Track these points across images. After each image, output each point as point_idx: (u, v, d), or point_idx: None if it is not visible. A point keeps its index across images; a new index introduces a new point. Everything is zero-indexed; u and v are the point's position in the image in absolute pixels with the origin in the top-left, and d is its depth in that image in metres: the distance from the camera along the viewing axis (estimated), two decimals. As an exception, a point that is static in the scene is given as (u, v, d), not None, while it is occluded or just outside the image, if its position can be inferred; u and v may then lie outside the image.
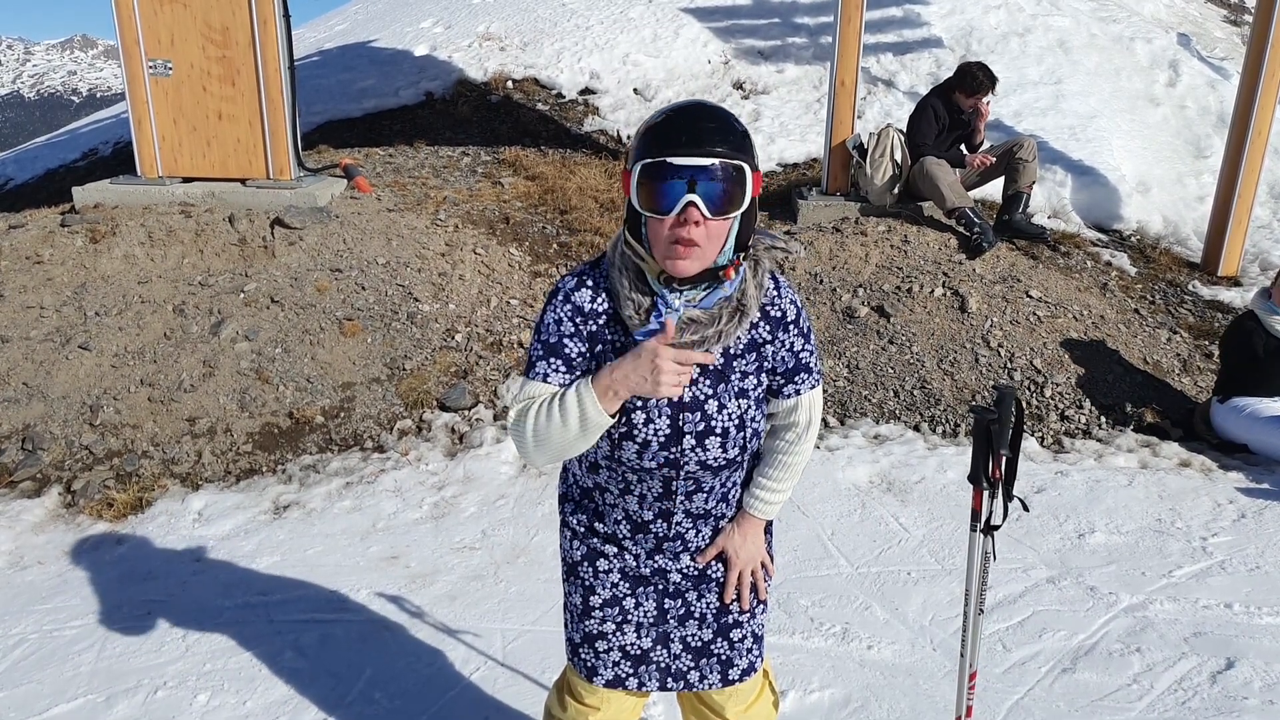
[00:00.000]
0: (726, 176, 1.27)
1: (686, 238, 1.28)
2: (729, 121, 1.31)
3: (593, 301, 1.40)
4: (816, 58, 7.11)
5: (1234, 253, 5.23)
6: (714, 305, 1.35)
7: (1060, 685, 2.44)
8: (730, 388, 1.41)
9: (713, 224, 1.29)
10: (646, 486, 1.46)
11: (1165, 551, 3.12)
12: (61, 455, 3.69)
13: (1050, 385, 4.24)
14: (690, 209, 1.26)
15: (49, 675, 2.49)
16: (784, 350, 1.45)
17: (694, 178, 1.26)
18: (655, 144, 1.29)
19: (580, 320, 1.39)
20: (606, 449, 1.43)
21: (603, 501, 1.52)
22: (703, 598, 1.54)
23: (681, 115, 1.30)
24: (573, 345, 1.39)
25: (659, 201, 1.28)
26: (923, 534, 3.22)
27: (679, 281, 1.33)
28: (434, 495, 3.50)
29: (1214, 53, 7.46)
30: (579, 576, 1.56)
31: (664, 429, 1.39)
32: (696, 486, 1.46)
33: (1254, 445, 3.87)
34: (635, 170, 1.30)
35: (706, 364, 1.36)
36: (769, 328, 1.43)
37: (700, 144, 1.26)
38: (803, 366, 1.48)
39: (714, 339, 1.35)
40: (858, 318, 4.63)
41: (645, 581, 1.54)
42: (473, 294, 4.68)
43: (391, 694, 2.40)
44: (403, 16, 9.02)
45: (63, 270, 4.53)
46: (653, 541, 1.51)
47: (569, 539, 1.58)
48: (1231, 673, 2.48)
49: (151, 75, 4.94)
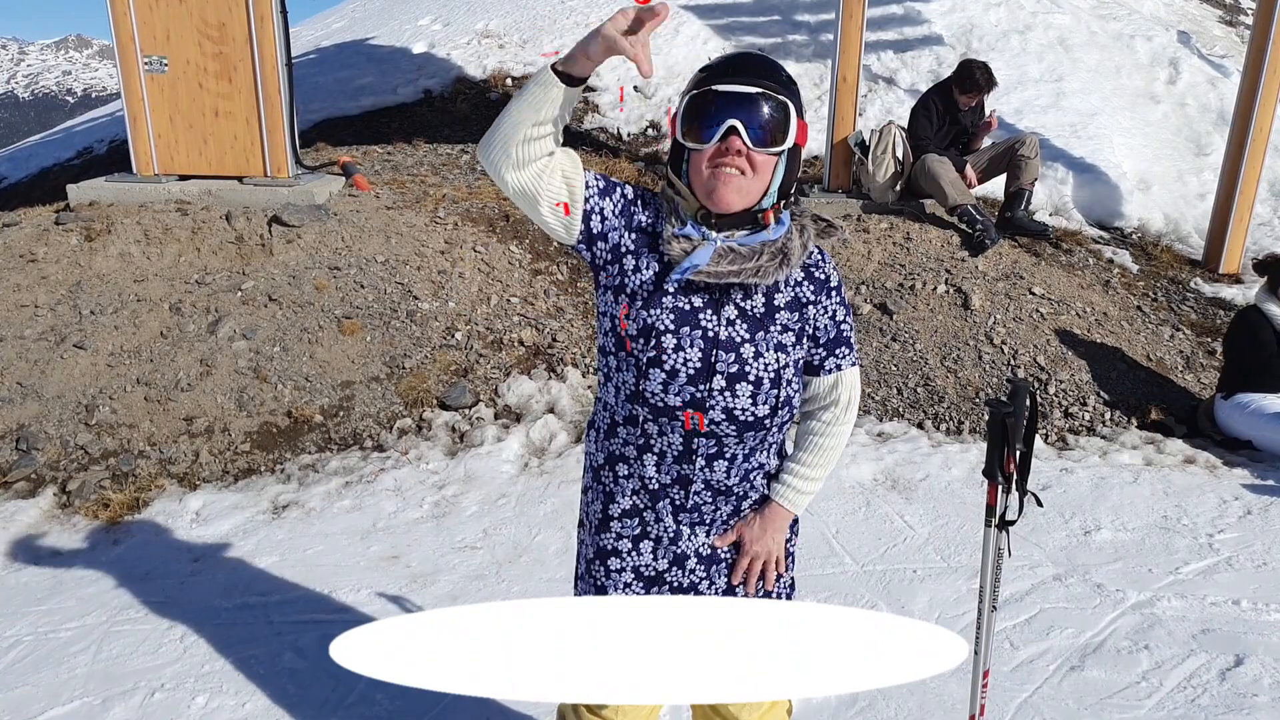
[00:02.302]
0: (771, 109, 1.28)
1: (727, 170, 1.28)
2: (776, 65, 1.35)
3: (643, 212, 1.40)
4: (817, 55, 7.09)
5: (1235, 250, 5.22)
6: (756, 244, 1.35)
7: (1069, 683, 2.42)
8: (769, 338, 1.39)
9: (756, 157, 1.29)
10: (666, 442, 1.41)
11: (1172, 548, 3.10)
12: (57, 455, 3.65)
13: (1054, 382, 4.23)
14: (733, 137, 1.27)
15: (44, 678, 2.45)
16: (826, 317, 1.43)
17: (739, 106, 1.27)
18: (703, 78, 1.31)
19: (634, 208, 1.39)
20: (632, 381, 1.39)
21: (616, 477, 1.48)
22: (713, 583, 1.50)
23: (732, 55, 1.35)
24: (624, 191, 1.39)
25: (702, 129, 1.29)
26: (928, 531, 3.20)
27: (719, 220, 1.34)
28: (434, 494, 3.46)
29: (1214, 50, 7.46)
30: (592, 576, 1.52)
31: (694, 360, 1.36)
32: (719, 450, 1.41)
33: (1258, 441, 3.85)
34: (681, 104, 1.32)
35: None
36: (813, 289, 1.41)
37: (746, 74, 1.29)
38: (844, 339, 1.46)
39: (752, 273, 1.33)
40: (860, 315, 4.61)
41: (659, 581, 1.49)
42: (473, 292, 4.65)
43: (392, 695, 2.37)
44: (401, 14, 8.98)
45: (57, 269, 4.49)
46: (670, 509, 1.46)
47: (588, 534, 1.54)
48: (1241, 669, 2.46)
49: (147, 72, 4.90)
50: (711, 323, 1.37)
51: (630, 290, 1.37)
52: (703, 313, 1.36)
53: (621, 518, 1.49)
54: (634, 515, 1.48)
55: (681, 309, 1.36)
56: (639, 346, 1.36)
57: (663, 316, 1.36)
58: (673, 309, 1.36)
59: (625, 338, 1.37)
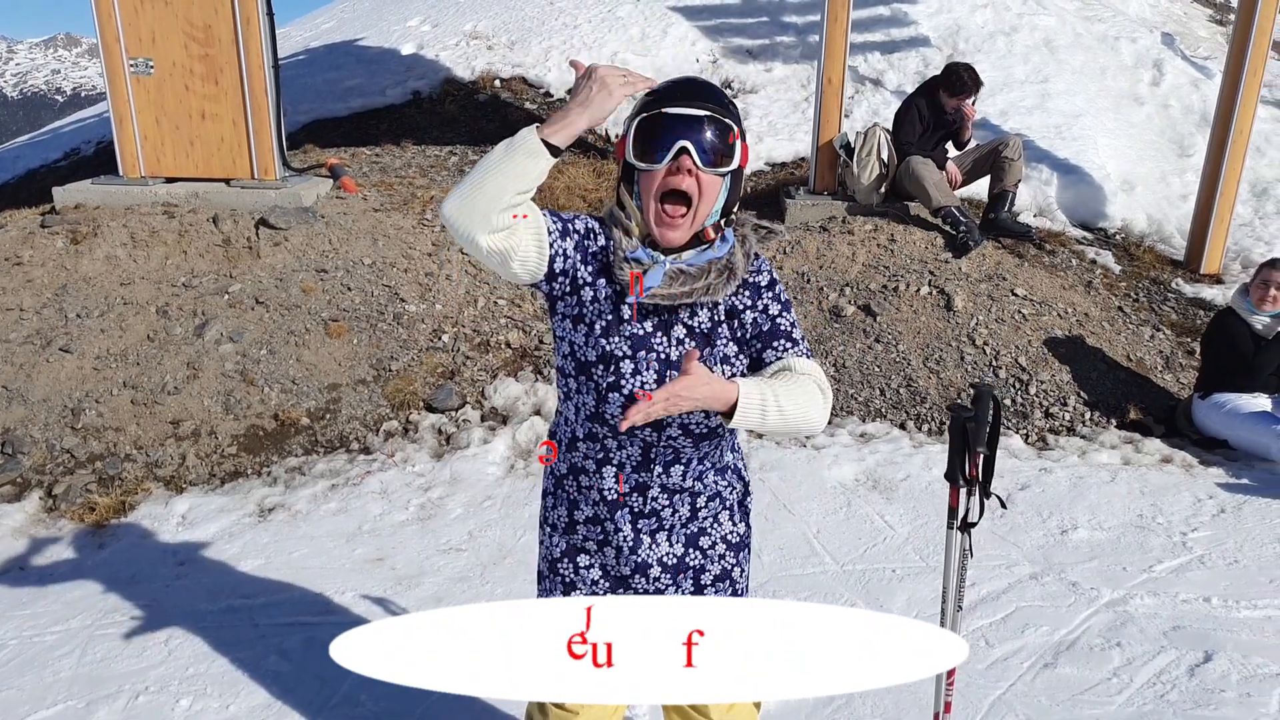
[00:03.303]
0: (717, 132, 1.34)
1: (678, 187, 1.33)
2: (720, 90, 1.41)
3: (595, 240, 1.44)
4: (804, 57, 7.13)
5: (1216, 250, 5.28)
6: (703, 263, 1.40)
7: (1041, 680, 2.47)
8: (716, 352, 1.44)
9: (704, 178, 1.33)
10: (626, 454, 1.46)
11: (1146, 547, 3.15)
12: (42, 459, 3.66)
13: (1035, 383, 4.27)
14: (684, 156, 1.32)
15: (29, 681, 2.47)
16: (759, 314, 1.46)
17: (689, 128, 1.32)
18: (651, 102, 1.35)
19: (586, 240, 1.43)
20: (592, 404, 1.44)
21: (578, 487, 1.53)
22: (679, 588, 1.55)
23: (677, 80, 1.41)
24: (573, 232, 1.41)
25: (653, 151, 1.33)
26: (907, 531, 3.24)
27: (665, 251, 1.39)
28: (420, 497, 3.49)
29: (1198, 52, 7.53)
30: (558, 574, 1.57)
31: (651, 384, 1.41)
32: (675, 456, 1.47)
33: (1234, 441, 3.91)
34: (631, 126, 1.36)
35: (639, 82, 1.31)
36: (748, 294, 1.46)
37: (694, 98, 1.34)
38: (780, 332, 1.44)
39: (702, 291, 1.38)
40: (844, 317, 4.65)
41: (625, 583, 1.54)
42: (460, 294, 4.67)
43: (376, 696, 2.40)
44: (390, 15, 8.97)
45: (43, 272, 4.49)
46: (629, 517, 1.51)
47: (550, 534, 1.59)
48: (1210, 665, 2.51)
49: (133, 74, 4.90)
50: (663, 344, 1.42)
51: (589, 319, 1.42)
52: (654, 336, 1.41)
53: (586, 524, 1.55)
54: (596, 524, 1.54)
55: (637, 334, 1.41)
56: (598, 372, 1.41)
57: (620, 344, 1.40)
58: (629, 335, 1.41)
59: (585, 363, 1.42)
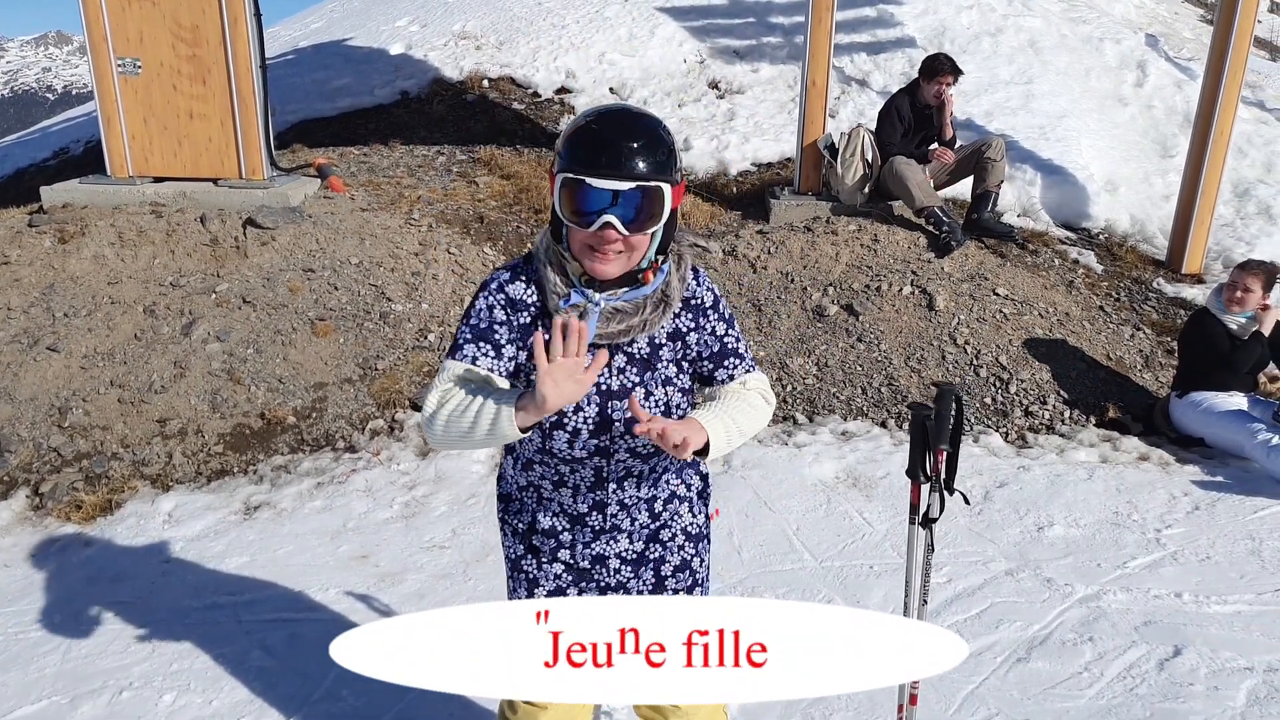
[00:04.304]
0: (645, 196, 1.31)
1: (603, 251, 1.33)
2: (653, 139, 1.33)
3: (524, 293, 1.44)
4: (791, 57, 7.17)
5: (1197, 250, 5.34)
6: (638, 299, 1.41)
7: (1014, 674, 2.51)
8: (656, 376, 1.46)
9: (633, 237, 1.34)
10: (580, 477, 1.50)
11: (1121, 543, 3.20)
12: (29, 457, 3.67)
13: (1015, 381, 4.33)
14: (608, 230, 1.31)
15: (13, 677, 2.49)
16: (706, 335, 1.50)
17: (614, 196, 1.29)
18: (577, 160, 1.31)
19: (511, 310, 1.43)
20: (538, 441, 1.48)
21: (538, 499, 1.56)
22: (640, 578, 1.59)
23: (605, 134, 1.31)
24: (502, 332, 1.42)
25: (579, 215, 1.33)
26: (886, 529, 3.29)
27: (600, 283, 1.38)
28: (405, 495, 3.52)
29: (1181, 53, 7.60)
30: (523, 571, 1.60)
31: (593, 416, 1.43)
32: (627, 473, 1.51)
33: (1210, 439, 3.97)
34: (557, 185, 1.34)
35: (602, 362, 1.29)
36: (691, 316, 1.48)
37: (620, 167, 1.29)
38: (730, 351, 1.51)
39: (639, 328, 1.40)
40: (827, 316, 4.69)
41: (586, 575, 1.58)
42: (446, 293, 4.69)
43: (357, 691, 2.43)
44: (378, 15, 8.97)
45: (30, 271, 4.49)
46: (590, 534, 1.55)
47: (510, 535, 1.62)
48: (1179, 660, 2.56)
49: (120, 74, 4.91)
50: (604, 376, 1.43)
51: (527, 370, 1.44)
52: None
53: (542, 534, 1.58)
54: (554, 535, 1.57)
55: None
56: None
57: None
58: None
59: None
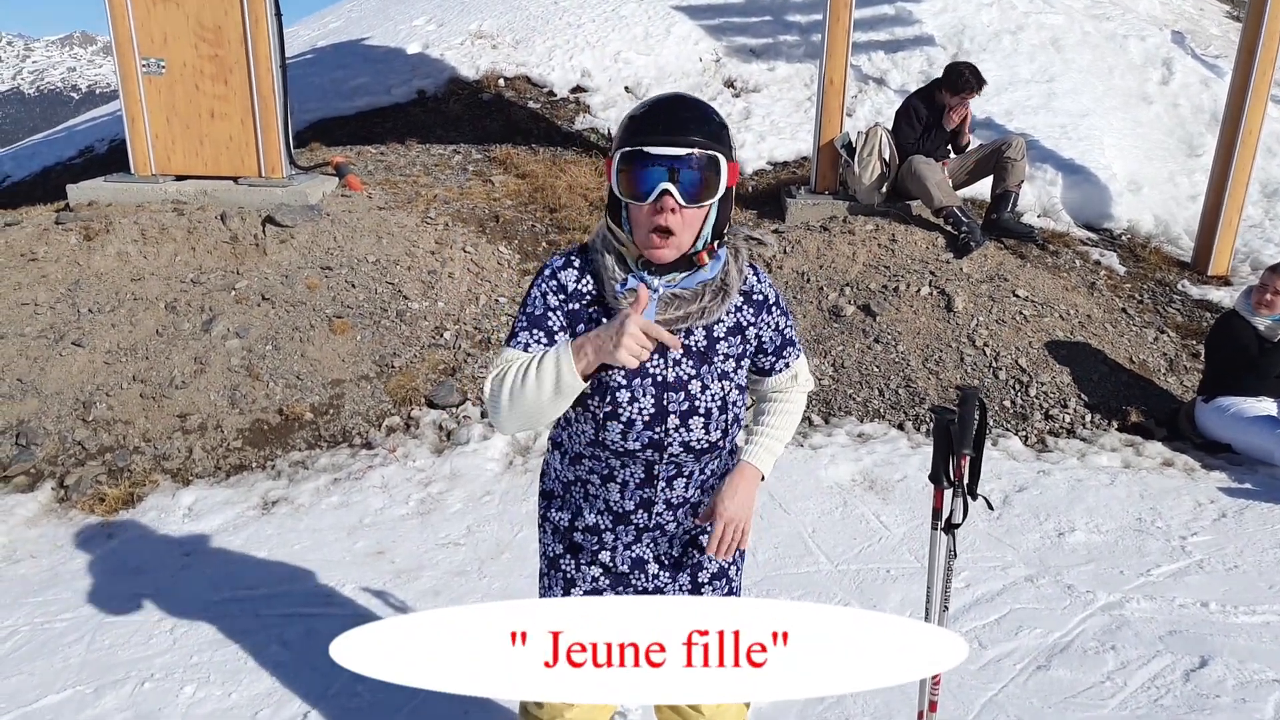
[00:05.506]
0: (702, 165, 1.32)
1: (663, 224, 1.33)
2: (706, 112, 1.37)
3: (578, 282, 1.44)
4: (808, 55, 7.12)
5: (1224, 252, 5.24)
6: (696, 286, 1.41)
7: (1034, 682, 2.47)
8: (713, 370, 1.46)
9: (688, 212, 1.34)
10: (629, 472, 1.49)
11: (1144, 551, 3.14)
12: (55, 450, 3.73)
13: (1035, 384, 4.27)
14: (666, 197, 1.32)
15: (39, 667, 2.53)
16: (769, 330, 1.53)
17: (671, 166, 1.31)
18: (634, 133, 1.34)
19: (564, 298, 1.43)
20: (591, 432, 1.47)
21: (584, 494, 1.54)
22: (676, 581, 1.58)
23: (661, 105, 1.36)
24: (555, 319, 1.43)
25: (637, 189, 1.34)
26: (903, 532, 3.25)
27: (658, 267, 1.39)
28: (420, 491, 3.53)
29: (1208, 50, 7.46)
30: (560, 570, 1.59)
31: (648, 408, 1.42)
32: (678, 471, 1.49)
33: (1237, 445, 3.89)
34: (615, 158, 1.36)
35: (671, 347, 1.32)
36: (752, 311, 1.49)
37: (676, 133, 1.32)
38: (789, 341, 1.58)
39: (698, 315, 1.41)
40: (844, 316, 4.66)
41: (624, 580, 1.57)
42: (461, 292, 4.71)
43: (373, 687, 2.44)
44: (396, 14, 9.02)
45: (57, 267, 4.56)
46: (633, 533, 1.54)
47: (550, 534, 1.61)
48: (1205, 671, 2.51)
49: (145, 74, 4.97)
50: (659, 367, 1.43)
51: None
52: (650, 360, 1.41)
53: (584, 532, 1.57)
54: (596, 533, 1.56)
55: None
56: (595, 403, 1.43)
57: (615, 374, 1.41)
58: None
59: (580, 395, 1.41)
